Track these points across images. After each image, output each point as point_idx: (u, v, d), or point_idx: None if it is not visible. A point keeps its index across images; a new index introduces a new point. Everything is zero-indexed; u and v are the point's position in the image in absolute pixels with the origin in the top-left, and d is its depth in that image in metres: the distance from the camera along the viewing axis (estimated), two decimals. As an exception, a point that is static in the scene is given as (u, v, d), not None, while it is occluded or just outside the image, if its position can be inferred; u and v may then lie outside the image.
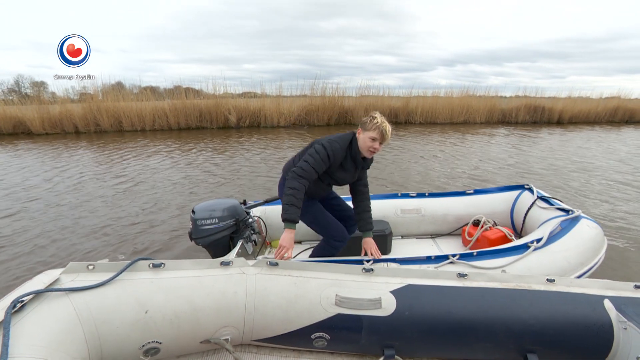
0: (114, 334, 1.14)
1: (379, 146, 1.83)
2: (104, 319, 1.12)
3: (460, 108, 13.01)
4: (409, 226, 2.75)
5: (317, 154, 1.78)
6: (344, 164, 1.87)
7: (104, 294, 1.15)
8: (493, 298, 1.33)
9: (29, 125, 10.60)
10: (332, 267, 1.40)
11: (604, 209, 4.19)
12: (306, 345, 1.41)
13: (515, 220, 2.65)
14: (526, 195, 2.65)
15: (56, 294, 1.09)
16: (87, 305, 1.11)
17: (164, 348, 1.25)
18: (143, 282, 1.22)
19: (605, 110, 14.34)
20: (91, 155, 7.39)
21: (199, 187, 5.06)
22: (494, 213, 2.69)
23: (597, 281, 1.43)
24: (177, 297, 1.23)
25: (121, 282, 1.20)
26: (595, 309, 1.31)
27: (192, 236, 2.11)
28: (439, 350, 1.38)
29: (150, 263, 1.27)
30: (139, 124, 11.20)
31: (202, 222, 2.07)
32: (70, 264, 1.20)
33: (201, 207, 2.12)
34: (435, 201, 2.76)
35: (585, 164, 6.66)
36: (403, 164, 6.53)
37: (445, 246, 2.66)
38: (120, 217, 3.87)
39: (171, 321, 1.21)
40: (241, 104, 11.91)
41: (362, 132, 1.84)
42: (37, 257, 2.99)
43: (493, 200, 2.73)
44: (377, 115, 1.83)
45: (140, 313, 1.17)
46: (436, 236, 2.81)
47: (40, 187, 5.09)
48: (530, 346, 1.31)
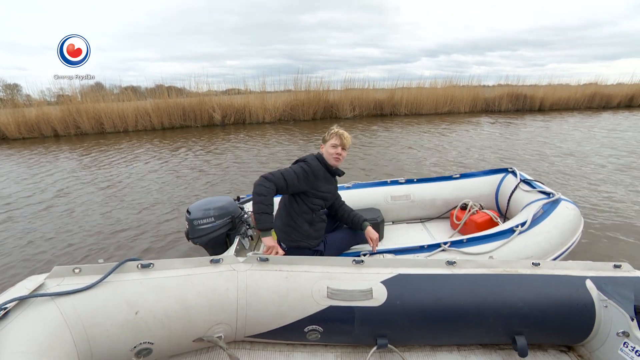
0: (104, 336, 1.13)
1: (341, 151, 1.96)
2: (93, 322, 1.11)
3: (444, 98, 13.14)
4: (399, 212, 2.79)
5: (292, 169, 1.85)
6: (326, 175, 1.97)
7: (92, 297, 1.13)
8: (481, 284, 1.37)
9: (4, 130, 10.20)
10: (323, 260, 1.41)
11: (586, 191, 4.34)
12: (299, 338, 1.42)
13: (500, 202, 2.72)
14: (510, 178, 2.72)
15: (41, 299, 1.07)
16: (74, 309, 1.09)
17: (156, 348, 1.24)
18: (132, 283, 1.20)
19: (584, 96, 14.70)
20: (76, 159, 7.19)
21: (190, 186, 5.01)
22: (480, 196, 2.76)
23: (579, 263, 1.48)
24: (168, 296, 1.22)
25: (109, 284, 1.18)
26: (578, 289, 1.36)
27: (189, 236, 2.09)
28: (430, 337, 1.41)
29: (139, 264, 1.26)
30: (122, 125, 10.92)
31: (199, 222, 2.04)
32: (55, 268, 1.18)
33: (196, 207, 2.10)
34: (423, 186, 2.82)
35: (568, 149, 6.84)
36: (392, 154, 6.58)
37: (434, 230, 2.72)
38: (111, 223, 3.77)
39: (162, 321, 1.20)
40: (225, 101, 11.76)
41: (324, 145, 2.00)
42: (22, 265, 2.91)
43: (479, 184, 2.80)
44: (333, 127, 2.00)
45: (130, 314, 1.16)
46: (425, 220, 2.87)
47: (21, 194, 4.92)
48: (518, 328, 1.35)
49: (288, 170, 1.83)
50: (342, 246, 2.14)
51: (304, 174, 1.84)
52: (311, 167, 1.87)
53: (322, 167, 1.95)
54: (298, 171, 1.83)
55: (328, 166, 1.98)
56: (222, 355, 1.43)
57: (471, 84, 14.20)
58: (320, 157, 1.99)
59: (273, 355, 1.46)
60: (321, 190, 1.94)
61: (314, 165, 1.89)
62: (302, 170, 1.84)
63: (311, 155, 1.99)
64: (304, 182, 1.84)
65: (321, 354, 1.48)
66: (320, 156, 1.99)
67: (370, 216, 2.43)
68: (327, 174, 1.99)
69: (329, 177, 2.00)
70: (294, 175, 1.81)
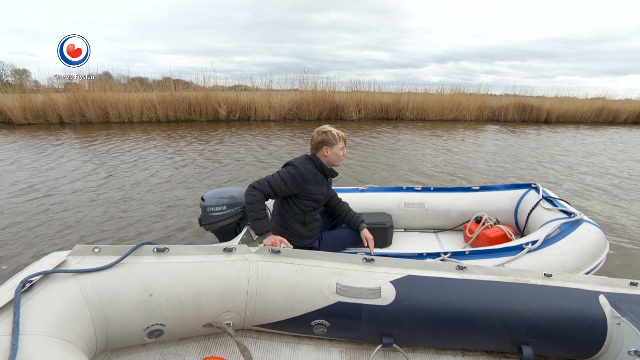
0: (119, 315, 1.16)
1: (345, 150, 2.02)
2: (109, 301, 1.14)
3: (450, 105, 13.14)
4: (412, 220, 2.75)
5: (279, 174, 1.88)
6: (317, 177, 1.96)
7: (109, 277, 1.17)
8: (491, 291, 1.36)
9: (9, 114, 10.22)
10: (333, 257, 1.42)
11: (612, 210, 4.13)
12: (306, 331, 1.43)
13: (519, 219, 2.62)
14: (532, 194, 2.61)
15: (63, 275, 1.11)
16: (93, 287, 1.13)
17: (168, 330, 1.27)
18: (147, 266, 1.24)
19: (591, 110, 14.63)
20: (82, 146, 7.21)
21: (204, 177, 5.08)
22: (498, 211, 2.67)
23: (593, 277, 1.46)
24: (181, 281, 1.24)
25: (126, 266, 1.22)
26: (591, 304, 1.34)
27: (202, 222, 2.19)
28: (436, 339, 1.40)
29: (155, 248, 1.29)
30: (127, 116, 10.93)
31: (211, 209, 2.15)
32: (76, 246, 1.22)
33: (210, 195, 2.20)
34: (439, 196, 2.76)
35: (592, 163, 6.70)
36: (397, 157, 6.58)
37: (446, 241, 2.66)
38: (125, 210, 3.81)
39: (174, 304, 1.23)
40: (231, 97, 11.76)
41: (330, 149, 1.96)
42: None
43: (498, 198, 2.71)
44: (330, 129, 1.98)
45: (144, 296, 1.19)
46: (439, 231, 2.82)
47: (35, 179, 4.93)
48: (524, 338, 1.34)
49: (274, 175, 1.87)
50: (337, 245, 2.14)
51: (291, 178, 1.86)
52: (299, 171, 1.87)
53: (314, 169, 1.95)
54: (285, 176, 1.85)
55: (322, 167, 1.97)
56: (230, 342, 1.44)
57: (478, 92, 14.19)
58: (315, 158, 1.98)
59: (279, 346, 1.47)
60: (312, 192, 1.94)
61: (303, 168, 1.89)
62: (289, 175, 1.86)
63: (302, 158, 1.98)
64: (292, 186, 1.86)
65: (326, 348, 1.48)
66: (316, 157, 1.98)
67: (379, 220, 2.41)
68: (319, 176, 1.98)
69: (320, 179, 1.99)
70: (281, 181, 1.85)
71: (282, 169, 1.93)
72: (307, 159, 1.98)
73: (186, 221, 3.48)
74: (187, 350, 1.40)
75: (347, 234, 2.19)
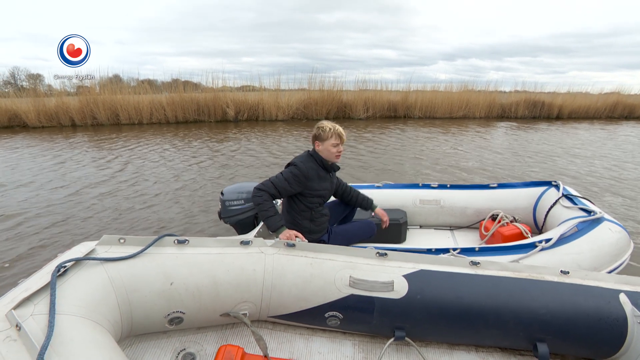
0: (142, 302, 1.21)
1: (341, 148, 1.98)
2: (134, 288, 1.20)
3: (459, 102, 13.02)
4: (427, 217, 2.73)
5: (282, 175, 1.91)
6: (319, 174, 1.98)
7: (134, 265, 1.23)
8: (504, 286, 1.34)
9: (24, 118, 10.46)
10: (347, 250, 1.44)
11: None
12: (320, 323, 1.44)
13: (538, 217, 2.56)
14: (552, 192, 2.54)
15: (93, 262, 1.18)
16: (119, 274, 1.19)
17: (187, 318, 1.31)
18: (169, 257, 1.29)
19: (605, 105, 14.27)
20: (95, 148, 7.36)
21: (221, 174, 5.25)
22: (516, 209, 2.61)
23: (614, 276, 1.42)
24: (200, 271, 1.29)
25: (149, 256, 1.27)
26: (610, 302, 1.31)
27: (221, 215, 2.29)
28: (448, 334, 1.40)
29: (176, 239, 1.34)
30: (136, 117, 11.10)
31: (230, 203, 2.24)
32: (104, 236, 1.28)
33: (229, 190, 2.29)
34: (455, 193, 2.72)
35: (611, 159, 6.54)
36: (405, 156, 6.56)
37: (462, 239, 2.63)
38: (143, 208, 3.95)
39: (194, 294, 1.27)
40: (239, 98, 11.85)
41: (321, 144, 1.95)
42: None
43: (516, 196, 2.65)
44: (325, 124, 1.96)
45: (166, 284, 1.24)
46: (455, 228, 2.79)
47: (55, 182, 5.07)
48: (540, 335, 1.32)
49: (278, 176, 1.91)
50: (347, 239, 2.16)
51: (294, 178, 1.89)
52: (300, 170, 1.89)
53: (316, 165, 1.96)
54: (288, 176, 1.89)
55: (324, 162, 1.98)
56: (246, 332, 1.47)
57: (487, 89, 14.01)
58: (314, 154, 1.98)
59: (293, 337, 1.49)
60: (316, 189, 1.96)
61: (304, 167, 1.90)
62: (291, 174, 1.89)
63: (303, 156, 2.00)
64: (295, 185, 1.89)
65: (339, 341, 1.49)
66: (315, 153, 1.98)
67: (393, 217, 2.40)
68: (322, 172, 1.99)
69: (323, 174, 2.00)
70: (284, 181, 1.88)
71: (285, 169, 1.96)
72: (309, 155, 1.99)
73: (212, 218, 3.64)
74: (205, 339, 1.43)
75: (356, 229, 2.20)
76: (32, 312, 0.95)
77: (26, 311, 0.94)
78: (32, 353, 0.83)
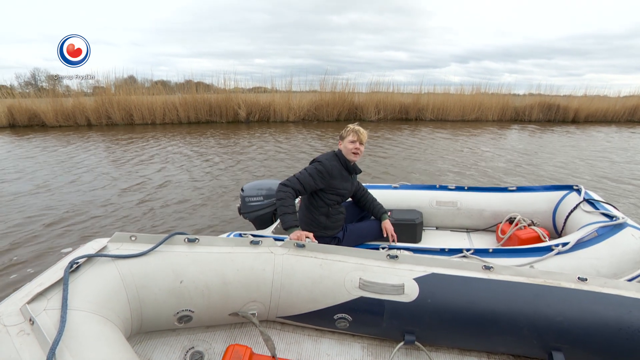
0: (152, 299, 1.22)
1: (359, 146, 2.03)
2: (144, 285, 1.20)
3: (472, 105, 12.84)
4: (443, 218, 2.71)
5: (306, 171, 1.96)
6: (342, 173, 2.04)
7: (145, 263, 1.23)
8: (518, 292, 1.30)
9: (43, 117, 10.77)
10: (357, 252, 1.42)
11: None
12: (328, 325, 1.43)
13: (557, 222, 2.49)
14: (573, 196, 2.47)
15: (104, 259, 1.20)
16: (130, 271, 1.20)
17: (196, 317, 1.32)
18: (179, 255, 1.29)
19: (624, 108, 13.81)
20: (112, 147, 7.52)
21: (241, 172, 5.41)
22: (535, 212, 2.55)
23: (635, 284, 1.36)
24: (209, 270, 1.29)
25: (160, 254, 1.28)
26: (631, 311, 1.25)
27: (241, 211, 2.36)
28: (459, 339, 1.37)
29: (186, 238, 1.34)
30: (150, 118, 11.31)
31: (249, 199, 2.31)
32: (115, 233, 1.30)
33: (249, 186, 2.37)
34: (473, 195, 2.69)
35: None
36: (422, 158, 6.47)
37: (478, 241, 2.59)
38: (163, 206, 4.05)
39: (203, 292, 1.27)
40: (251, 99, 11.97)
41: (342, 143, 2.06)
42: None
43: (536, 199, 2.60)
44: (350, 125, 2.07)
45: (175, 282, 1.24)
46: (472, 231, 2.75)
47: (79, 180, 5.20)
48: (556, 344, 1.27)
49: (302, 172, 1.95)
50: (361, 237, 2.21)
51: (318, 174, 1.94)
52: (325, 166, 1.95)
53: (339, 164, 2.03)
54: (312, 172, 1.94)
55: (347, 163, 2.04)
56: (255, 332, 1.47)
57: (500, 92, 13.78)
58: (339, 153, 2.06)
59: (302, 339, 1.48)
60: (337, 187, 2.01)
61: (329, 164, 1.97)
62: (316, 170, 1.94)
63: (328, 154, 2.07)
64: (319, 181, 1.95)
65: (348, 343, 1.48)
66: (340, 153, 2.06)
67: (409, 217, 2.41)
68: (344, 172, 2.05)
69: (345, 174, 2.06)
70: (309, 176, 1.92)
71: (310, 165, 2.01)
72: (334, 154, 2.06)
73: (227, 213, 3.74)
74: (214, 338, 1.43)
75: (370, 227, 2.23)
76: (45, 307, 0.96)
77: (39, 306, 0.96)
78: (44, 347, 0.84)
